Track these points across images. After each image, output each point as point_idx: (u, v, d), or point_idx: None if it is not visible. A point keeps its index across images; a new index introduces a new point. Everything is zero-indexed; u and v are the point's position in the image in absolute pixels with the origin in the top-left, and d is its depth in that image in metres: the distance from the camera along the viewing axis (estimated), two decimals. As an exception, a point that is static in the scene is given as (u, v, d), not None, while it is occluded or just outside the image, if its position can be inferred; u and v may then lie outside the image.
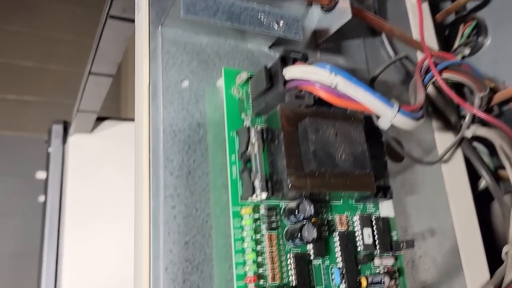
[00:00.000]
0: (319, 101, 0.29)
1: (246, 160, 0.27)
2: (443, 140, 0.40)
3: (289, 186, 0.25)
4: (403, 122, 0.27)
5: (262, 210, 0.28)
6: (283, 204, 0.28)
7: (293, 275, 0.27)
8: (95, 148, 0.70)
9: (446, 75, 0.36)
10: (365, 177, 0.28)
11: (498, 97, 0.41)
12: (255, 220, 0.27)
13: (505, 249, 0.35)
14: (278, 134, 0.27)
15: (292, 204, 0.27)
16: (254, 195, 0.26)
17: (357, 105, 0.26)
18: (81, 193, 0.66)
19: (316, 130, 0.26)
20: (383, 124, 0.27)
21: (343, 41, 0.39)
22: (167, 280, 0.25)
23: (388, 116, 0.26)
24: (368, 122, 0.31)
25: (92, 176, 0.67)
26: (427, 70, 0.35)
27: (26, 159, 1.08)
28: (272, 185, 0.26)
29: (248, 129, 0.27)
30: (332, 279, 0.28)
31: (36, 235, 0.65)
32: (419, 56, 0.42)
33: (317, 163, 0.25)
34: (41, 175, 0.72)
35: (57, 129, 0.73)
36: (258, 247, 0.27)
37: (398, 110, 0.27)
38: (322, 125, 0.26)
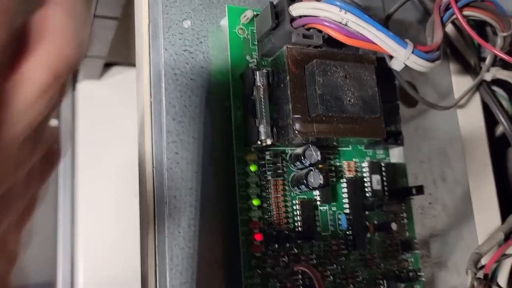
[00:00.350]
0: (328, 41, 0.27)
1: (251, 105, 0.26)
2: (461, 83, 0.38)
3: (295, 132, 0.24)
4: (418, 63, 0.26)
5: (268, 156, 0.27)
6: (289, 150, 0.27)
7: (299, 221, 0.27)
8: (104, 94, 0.69)
9: (467, 12, 0.33)
10: (375, 122, 0.27)
11: (523, 37, 0.38)
12: (260, 166, 0.27)
13: (519, 195, 0.35)
14: (284, 77, 0.25)
15: (299, 150, 0.26)
16: (259, 141, 0.25)
17: (368, 44, 0.24)
18: (92, 139, 0.67)
19: (324, 73, 0.25)
20: (396, 65, 0.25)
21: (358, -23, 0.36)
22: (172, 225, 0.25)
23: (401, 56, 0.25)
24: (380, 64, 0.29)
25: (102, 122, 0.67)
26: (447, 7, 0.33)
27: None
28: (278, 131, 0.26)
29: (253, 71, 0.26)
30: (339, 225, 0.28)
31: (51, 181, 0.66)
32: (439, -8, 0.39)
33: (324, 108, 0.24)
34: (52, 123, 0.72)
35: (66, 75, 0.72)
36: (263, 193, 0.26)
37: (412, 51, 0.25)
38: (330, 67, 0.25)
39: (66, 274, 0.65)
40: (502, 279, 0.32)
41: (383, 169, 0.30)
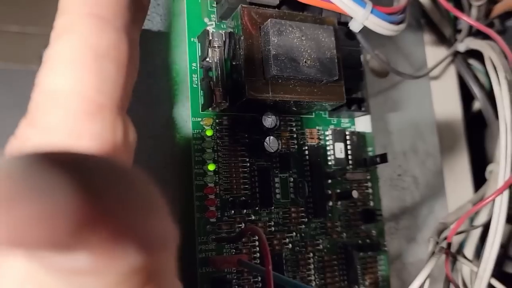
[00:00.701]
0: (288, 3, 0.26)
1: (207, 68, 0.26)
2: (435, 55, 0.38)
3: (248, 94, 0.24)
4: (378, 25, 0.25)
5: (225, 121, 0.26)
6: (248, 115, 0.27)
7: (257, 188, 0.26)
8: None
9: (440, -20, 0.33)
10: (335, 86, 0.26)
11: (498, 8, 0.37)
12: (218, 131, 0.26)
13: (489, 167, 0.34)
14: (239, 38, 0.25)
15: (256, 115, 0.26)
16: (214, 104, 0.25)
17: (324, 3, 0.24)
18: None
19: (279, 32, 0.24)
20: (354, 26, 0.25)
21: None
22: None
23: (359, 16, 0.24)
24: (346, 28, 0.28)
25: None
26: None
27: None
28: (234, 94, 0.25)
29: (208, 33, 0.25)
30: (300, 192, 0.27)
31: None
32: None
33: (279, 68, 0.24)
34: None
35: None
36: (220, 159, 0.26)
37: (371, 11, 0.24)
38: (286, 27, 0.24)
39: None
40: (469, 250, 0.32)
41: (347, 137, 0.29)
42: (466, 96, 0.39)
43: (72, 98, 0.13)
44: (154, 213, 0.10)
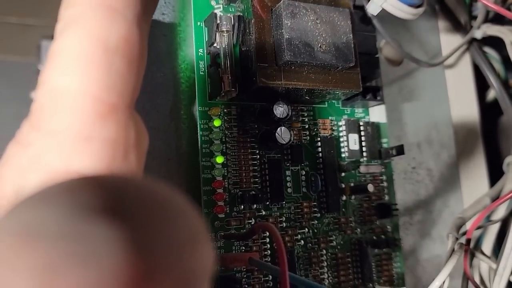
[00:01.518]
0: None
1: (214, 54, 0.24)
2: (450, 42, 0.36)
3: (259, 81, 0.22)
4: (397, 7, 0.23)
5: (234, 111, 0.25)
6: (258, 105, 0.25)
7: (267, 181, 0.25)
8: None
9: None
10: (350, 73, 0.24)
11: (517, -7, 0.36)
12: (226, 122, 0.24)
13: (507, 159, 0.33)
14: (249, 22, 0.23)
15: (267, 104, 0.24)
16: (223, 93, 0.23)
17: (341, -16, 0.22)
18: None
19: (293, 15, 0.22)
20: (372, 8, 0.23)
21: None
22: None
23: (378, -2, 0.22)
24: (360, 13, 0.27)
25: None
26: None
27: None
28: (243, 82, 0.23)
29: (216, 16, 0.23)
30: (312, 186, 0.26)
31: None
32: None
33: (292, 54, 0.22)
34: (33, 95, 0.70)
35: (46, 45, 0.70)
36: (229, 151, 0.24)
37: (391, -8, 0.23)
38: (300, 9, 0.23)
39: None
40: (487, 246, 0.31)
41: (361, 128, 0.28)
42: (481, 85, 0.38)
43: (81, 98, 0.12)
44: (200, 247, 0.09)
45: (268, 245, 0.24)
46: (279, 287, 0.23)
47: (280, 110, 0.24)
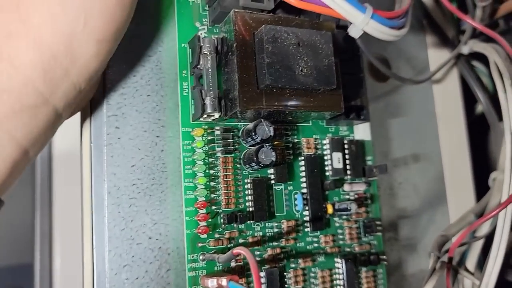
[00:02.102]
0: (283, 7, 0.25)
1: (198, 76, 0.24)
2: (438, 57, 0.36)
3: (243, 105, 0.22)
4: (378, 30, 0.23)
5: (217, 132, 0.25)
6: (242, 125, 0.26)
7: (251, 201, 0.25)
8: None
9: (444, -19, 0.31)
10: (332, 95, 0.25)
11: (504, 8, 0.36)
12: (209, 142, 0.25)
13: (492, 175, 0.33)
14: (231, 45, 0.23)
15: (250, 125, 0.24)
16: (205, 114, 0.24)
17: (322, 8, 0.22)
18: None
19: (274, 39, 0.23)
20: (354, 31, 0.23)
21: None
22: (111, 204, 0.23)
23: (359, 22, 0.23)
24: (344, 32, 0.27)
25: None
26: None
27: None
28: (226, 104, 0.24)
29: (199, 38, 0.24)
30: (295, 205, 0.26)
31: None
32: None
33: (273, 78, 0.22)
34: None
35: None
36: (212, 171, 0.24)
37: (372, 16, 0.23)
38: (281, 34, 0.23)
39: (44, 256, 0.64)
40: (471, 262, 0.31)
41: (346, 146, 0.28)
42: (469, 99, 0.38)
43: None
44: None
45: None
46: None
47: (263, 130, 0.24)
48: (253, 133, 0.24)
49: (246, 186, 0.25)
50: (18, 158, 0.18)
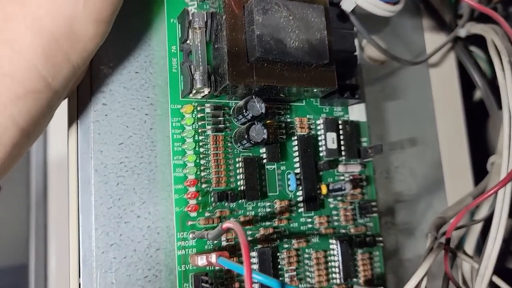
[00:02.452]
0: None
1: (187, 51, 0.24)
2: (435, 41, 0.36)
3: (232, 79, 0.22)
4: (372, 3, 0.23)
5: (208, 109, 0.24)
6: (233, 103, 0.25)
7: (242, 180, 0.24)
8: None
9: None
10: (325, 71, 0.24)
11: (502, -9, 0.35)
12: (199, 120, 0.24)
13: (491, 159, 0.32)
14: (221, 17, 0.23)
15: (241, 102, 0.24)
16: (194, 90, 0.23)
17: (313, -21, 0.22)
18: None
19: (264, 11, 0.22)
20: (346, 5, 0.23)
21: None
22: (98, 182, 0.23)
23: (351, -6, 0.22)
24: (338, 9, 0.26)
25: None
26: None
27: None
28: (215, 79, 0.23)
29: (188, 13, 0.23)
30: (288, 185, 0.26)
31: (21, 161, 0.64)
32: None
33: (263, 50, 0.22)
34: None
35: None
36: (202, 149, 0.24)
37: (365, -13, 0.22)
38: (272, 5, 0.22)
39: (40, 256, 0.63)
40: (469, 246, 0.30)
41: (340, 126, 0.27)
42: (467, 85, 0.37)
43: None
44: None
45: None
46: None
47: (253, 107, 0.23)
48: (244, 110, 0.23)
49: (237, 165, 0.25)
50: (20, 142, 0.18)
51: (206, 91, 0.23)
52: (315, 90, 0.24)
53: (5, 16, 0.17)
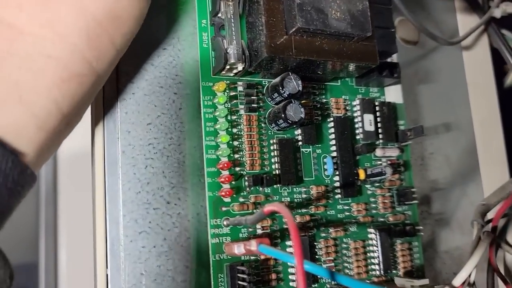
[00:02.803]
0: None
1: (219, 25, 0.22)
2: (467, 22, 0.34)
3: (270, 51, 0.20)
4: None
5: (240, 87, 0.23)
6: (266, 82, 0.23)
7: (277, 163, 0.23)
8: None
9: None
10: (366, 45, 0.22)
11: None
12: (231, 98, 0.22)
13: (531, 144, 0.30)
14: (256, -12, 0.21)
15: (276, 79, 0.22)
16: (228, 66, 0.21)
17: None
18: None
19: (304, -21, 0.20)
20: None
21: None
22: (125, 164, 0.21)
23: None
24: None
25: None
26: None
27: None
28: (250, 54, 0.21)
29: (220, -17, 0.22)
30: (324, 169, 0.24)
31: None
32: None
33: (304, 20, 0.20)
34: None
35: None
36: (235, 130, 0.22)
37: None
38: (312, -27, 0.21)
39: (49, 255, 0.61)
40: (511, 236, 0.29)
41: (377, 108, 0.26)
42: (500, 69, 0.36)
43: None
44: None
45: (279, 233, 0.22)
46: (295, 274, 0.21)
47: (291, 85, 0.22)
48: (280, 88, 0.22)
49: (271, 148, 0.23)
50: (61, 129, 0.17)
51: (240, 67, 0.21)
52: (355, 65, 0.22)
53: None
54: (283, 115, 0.22)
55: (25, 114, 0.15)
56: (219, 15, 0.22)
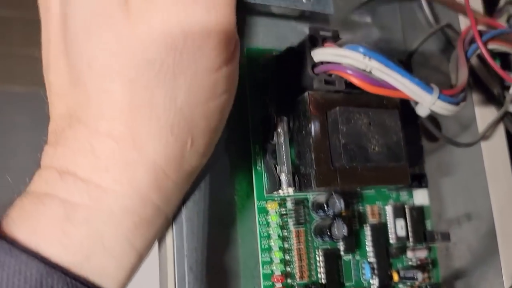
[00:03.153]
0: (351, 84, 0.26)
1: (271, 151, 0.26)
2: (484, 114, 0.37)
3: (319, 182, 0.23)
4: (443, 108, 0.25)
5: (289, 205, 0.26)
6: (310, 196, 0.27)
7: (323, 273, 0.26)
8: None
9: (492, 45, 0.32)
10: (399, 169, 0.26)
11: (548, 67, 0.37)
12: (282, 215, 0.26)
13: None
14: (306, 124, 0.24)
15: (321, 198, 0.25)
16: (280, 190, 0.25)
17: (393, 92, 0.23)
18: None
19: (347, 121, 0.24)
20: (422, 111, 0.24)
21: (376, 7, 0.35)
22: (192, 279, 0.24)
23: (427, 102, 0.24)
24: (402, 103, 0.28)
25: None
26: (471, 40, 0.32)
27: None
28: (299, 179, 0.25)
29: (273, 116, 0.25)
30: (363, 274, 0.27)
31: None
32: (461, 20, 0.38)
33: (348, 158, 0.23)
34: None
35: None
36: (286, 244, 0.25)
37: (438, 96, 0.24)
38: (353, 114, 0.24)
39: None
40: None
41: (407, 212, 0.29)
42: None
43: None
44: None
45: (324, 336, 0.25)
46: None
47: (334, 204, 0.25)
48: (325, 207, 0.25)
49: (317, 258, 0.26)
50: (137, 265, 0.19)
51: (291, 191, 0.25)
52: (389, 187, 0.26)
53: (125, 162, 0.18)
54: (328, 233, 0.25)
55: (106, 258, 0.18)
56: (272, 142, 0.25)
